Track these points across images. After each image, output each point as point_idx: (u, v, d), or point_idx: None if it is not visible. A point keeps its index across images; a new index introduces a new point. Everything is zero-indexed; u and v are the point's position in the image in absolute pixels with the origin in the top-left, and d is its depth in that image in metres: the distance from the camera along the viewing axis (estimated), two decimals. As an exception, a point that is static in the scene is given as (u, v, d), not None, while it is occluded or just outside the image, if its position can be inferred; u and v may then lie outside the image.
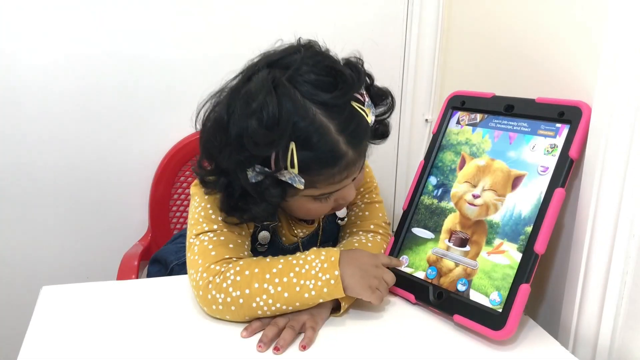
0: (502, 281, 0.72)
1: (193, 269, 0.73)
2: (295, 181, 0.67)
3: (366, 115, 0.70)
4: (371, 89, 0.74)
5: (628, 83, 0.64)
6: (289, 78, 0.66)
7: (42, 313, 0.73)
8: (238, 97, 0.66)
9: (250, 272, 0.70)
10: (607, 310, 0.70)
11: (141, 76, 1.12)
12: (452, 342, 0.71)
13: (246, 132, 0.64)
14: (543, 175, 0.74)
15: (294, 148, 0.65)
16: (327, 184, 0.70)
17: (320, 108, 0.65)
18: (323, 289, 0.69)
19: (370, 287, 0.71)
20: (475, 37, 1.05)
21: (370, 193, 0.90)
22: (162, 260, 0.95)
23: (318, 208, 0.75)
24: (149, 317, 0.73)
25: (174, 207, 1.19)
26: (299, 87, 0.66)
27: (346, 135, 0.67)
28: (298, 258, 0.71)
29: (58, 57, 1.07)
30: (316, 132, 0.65)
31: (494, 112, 0.83)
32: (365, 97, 0.71)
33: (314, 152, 0.65)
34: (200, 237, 0.75)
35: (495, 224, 0.76)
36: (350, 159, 0.68)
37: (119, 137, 1.14)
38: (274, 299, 0.69)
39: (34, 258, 1.17)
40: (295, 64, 0.67)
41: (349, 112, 0.68)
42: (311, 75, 0.66)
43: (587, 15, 0.74)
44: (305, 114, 0.64)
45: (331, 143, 0.66)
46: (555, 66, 0.81)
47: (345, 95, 0.67)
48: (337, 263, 0.69)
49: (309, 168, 0.66)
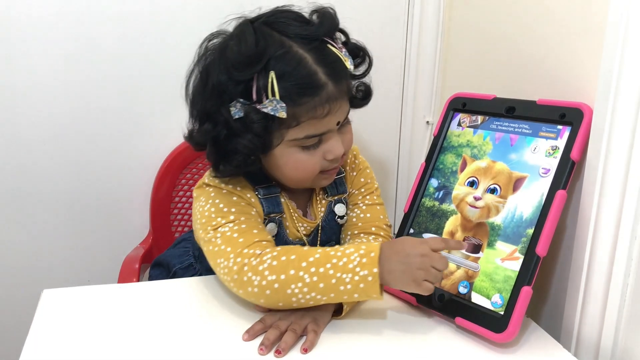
0: (503, 283, 0.72)
1: (222, 257, 0.72)
2: (277, 110, 0.69)
3: (344, 61, 0.74)
4: (349, 43, 0.78)
5: (629, 84, 0.64)
6: (265, 22, 0.73)
7: (43, 316, 0.73)
8: (218, 41, 0.75)
9: (287, 258, 0.69)
10: (610, 313, 0.70)
11: (142, 79, 1.11)
12: (453, 344, 0.71)
13: (226, 51, 0.71)
14: (544, 177, 0.74)
15: (274, 76, 0.68)
16: (310, 119, 0.72)
17: (296, 41, 0.71)
18: (359, 284, 0.67)
19: (415, 281, 0.66)
20: (476, 39, 1.05)
21: (371, 194, 0.89)
22: (165, 264, 0.95)
23: (306, 161, 0.75)
24: (150, 320, 0.73)
25: (175, 210, 1.18)
26: (274, 26, 0.72)
27: (325, 66, 0.71)
28: (336, 250, 0.70)
29: (59, 58, 1.06)
30: (294, 59, 0.70)
31: (495, 114, 0.83)
32: (341, 47, 0.75)
33: (292, 79, 0.69)
34: (219, 230, 0.74)
35: (497, 226, 0.76)
36: (331, 92, 0.71)
37: (120, 139, 1.14)
38: (309, 288, 0.68)
39: (34, 261, 1.17)
40: (267, 14, 0.74)
41: (326, 49, 0.73)
42: (284, 17, 0.73)
43: (588, 17, 0.74)
44: (282, 44, 0.70)
45: (310, 70, 0.70)
46: (556, 68, 0.81)
47: (318, 29, 0.73)
48: (376, 260, 0.67)
49: (290, 94, 0.69)
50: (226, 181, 0.79)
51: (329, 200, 0.87)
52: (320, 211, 0.86)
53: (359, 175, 0.90)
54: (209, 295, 0.80)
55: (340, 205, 0.87)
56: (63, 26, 1.05)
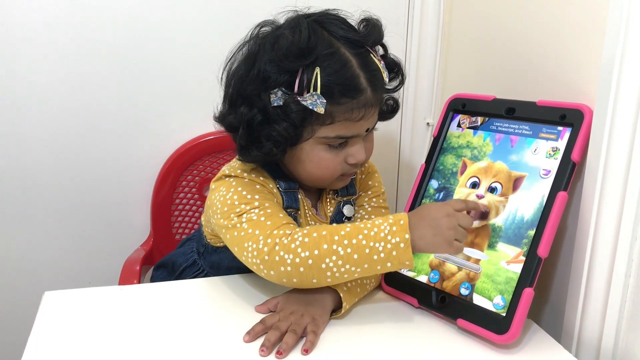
0: (505, 285, 0.72)
1: (250, 240, 0.72)
2: (316, 104, 0.71)
3: (382, 72, 0.77)
4: (387, 57, 0.81)
5: (629, 85, 0.64)
6: (317, 20, 0.75)
7: (45, 318, 0.73)
8: (268, 35, 0.76)
9: (318, 234, 0.70)
10: (610, 313, 0.70)
11: (143, 80, 1.12)
12: (455, 346, 0.71)
13: (278, 42, 0.72)
14: (545, 178, 0.74)
15: (319, 72, 0.71)
16: (345, 120, 0.74)
17: (344, 44, 0.74)
18: (392, 252, 0.68)
19: (446, 241, 0.69)
20: (476, 41, 1.05)
21: (377, 197, 0.90)
22: (169, 264, 0.95)
23: (330, 160, 0.77)
24: (151, 322, 0.73)
25: (176, 212, 1.18)
26: (325, 26, 0.75)
27: (367, 73, 0.74)
28: (365, 222, 0.71)
29: (59, 60, 1.06)
30: (340, 60, 0.72)
31: (494, 115, 0.83)
32: (380, 60, 0.78)
33: (337, 78, 0.72)
34: (244, 216, 0.74)
35: (498, 227, 0.76)
36: (369, 98, 0.74)
37: (121, 141, 1.14)
38: (343, 260, 0.68)
39: (36, 263, 1.17)
40: (318, 14, 0.77)
41: (369, 57, 0.75)
42: (335, 21, 0.76)
43: (588, 17, 0.74)
44: (331, 44, 0.73)
45: (353, 73, 0.73)
46: (556, 69, 0.81)
47: (366, 37, 0.76)
48: (406, 226, 0.68)
49: (331, 92, 0.72)
50: (248, 171, 0.80)
51: (338, 200, 0.88)
52: (330, 210, 0.87)
53: (368, 179, 0.92)
54: (209, 296, 0.80)
55: (348, 206, 0.88)
56: (63, 27, 1.05)
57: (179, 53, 1.12)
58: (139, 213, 1.19)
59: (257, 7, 1.13)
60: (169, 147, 1.16)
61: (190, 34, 1.12)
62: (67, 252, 1.18)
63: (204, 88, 0.74)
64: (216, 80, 0.79)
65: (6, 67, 1.05)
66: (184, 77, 1.13)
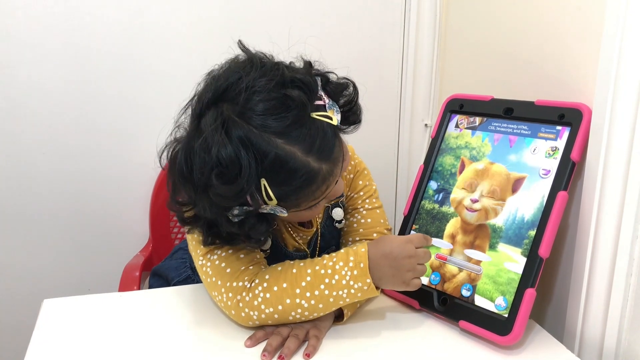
0: (507, 286, 0.71)
1: (215, 291, 0.73)
2: (277, 211, 0.66)
3: (330, 120, 0.66)
4: (328, 87, 0.69)
5: (628, 83, 0.64)
6: (239, 115, 0.63)
7: (44, 326, 0.73)
8: (194, 150, 0.64)
9: (279, 288, 0.70)
10: (612, 313, 0.70)
11: (141, 85, 1.11)
12: (457, 348, 0.70)
13: (212, 190, 0.62)
14: (545, 178, 0.74)
15: (266, 184, 0.63)
16: (310, 201, 0.68)
17: (279, 137, 0.62)
18: (357, 294, 0.69)
19: (404, 282, 0.70)
20: (473, 41, 1.05)
21: (370, 198, 0.88)
22: (163, 276, 0.95)
23: (311, 213, 0.73)
24: (151, 328, 0.73)
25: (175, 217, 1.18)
26: (251, 122, 0.62)
27: (314, 152, 0.64)
28: (325, 267, 0.70)
29: (57, 63, 1.06)
30: (282, 163, 0.62)
31: (493, 115, 0.83)
32: (324, 98, 0.67)
33: (288, 182, 0.63)
34: (208, 256, 0.74)
35: (498, 228, 0.76)
36: (326, 172, 0.66)
37: (119, 147, 1.14)
38: (309, 311, 0.70)
39: (34, 271, 1.17)
40: (241, 96, 0.63)
41: (310, 129, 0.64)
42: (260, 105, 0.63)
43: (585, 16, 0.74)
44: (265, 149, 0.61)
45: (301, 167, 0.63)
46: (554, 68, 0.81)
47: (299, 118, 0.63)
48: (366, 270, 0.68)
49: (287, 196, 0.65)
50: None
51: (326, 205, 0.85)
52: (319, 217, 0.86)
53: (357, 178, 0.88)
54: (210, 302, 0.79)
55: (337, 209, 0.85)
56: (61, 30, 1.05)
57: (177, 55, 1.12)
58: (137, 218, 1.18)
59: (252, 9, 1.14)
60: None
61: (189, 35, 1.12)
62: (66, 258, 1.18)
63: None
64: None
65: (3, 70, 1.05)
66: (181, 83, 1.13)
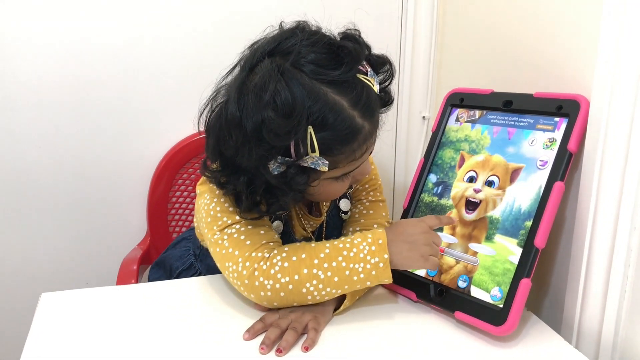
0: (502, 276, 0.72)
1: (231, 261, 0.72)
2: (318, 164, 0.67)
3: (372, 85, 0.70)
4: (370, 58, 0.73)
5: (626, 75, 0.64)
6: (293, 63, 0.66)
7: (42, 320, 0.73)
8: (247, 92, 0.65)
9: (297, 258, 0.70)
10: (610, 304, 0.70)
11: (138, 79, 1.11)
12: (454, 338, 0.71)
13: (264, 125, 0.63)
14: (542, 169, 0.74)
15: (312, 132, 0.65)
16: (349, 162, 0.70)
17: (329, 87, 0.66)
18: (372, 271, 0.69)
19: (423, 256, 0.71)
20: (471, 34, 1.04)
21: (374, 191, 0.89)
22: (166, 266, 0.95)
23: (338, 188, 0.75)
24: (149, 322, 0.73)
25: (172, 210, 1.18)
26: (304, 70, 0.66)
27: (360, 108, 0.67)
28: (344, 242, 0.71)
29: (54, 59, 1.06)
30: (331, 111, 0.65)
31: (492, 108, 0.83)
32: (367, 67, 0.71)
33: (333, 132, 0.66)
34: (226, 231, 0.74)
35: (496, 219, 0.76)
36: (367, 132, 0.69)
37: (116, 140, 1.14)
38: (324, 284, 0.69)
39: (32, 264, 1.17)
40: (294, 48, 0.67)
41: (358, 85, 0.68)
42: (313, 55, 0.66)
43: (583, 8, 0.73)
44: (317, 96, 0.65)
45: (347, 119, 0.66)
46: (552, 60, 0.80)
47: (351, 69, 0.67)
48: (385, 245, 0.69)
49: (330, 148, 0.67)
50: None
51: None
52: (325, 206, 0.86)
53: None
54: (208, 295, 0.79)
55: (344, 200, 0.87)
56: (58, 29, 1.05)
57: (172, 53, 1.11)
58: (135, 212, 1.18)
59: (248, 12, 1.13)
60: (164, 146, 1.15)
61: (184, 34, 1.11)
62: (63, 252, 1.18)
63: (197, 87, 0.72)
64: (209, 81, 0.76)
65: (1, 69, 1.04)
66: (178, 76, 1.13)
